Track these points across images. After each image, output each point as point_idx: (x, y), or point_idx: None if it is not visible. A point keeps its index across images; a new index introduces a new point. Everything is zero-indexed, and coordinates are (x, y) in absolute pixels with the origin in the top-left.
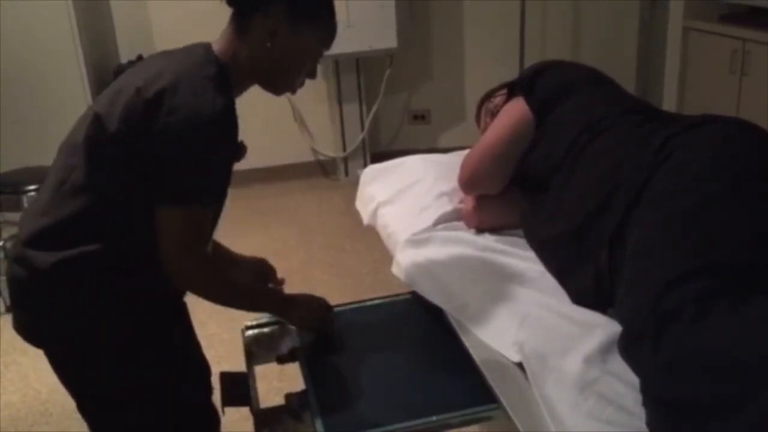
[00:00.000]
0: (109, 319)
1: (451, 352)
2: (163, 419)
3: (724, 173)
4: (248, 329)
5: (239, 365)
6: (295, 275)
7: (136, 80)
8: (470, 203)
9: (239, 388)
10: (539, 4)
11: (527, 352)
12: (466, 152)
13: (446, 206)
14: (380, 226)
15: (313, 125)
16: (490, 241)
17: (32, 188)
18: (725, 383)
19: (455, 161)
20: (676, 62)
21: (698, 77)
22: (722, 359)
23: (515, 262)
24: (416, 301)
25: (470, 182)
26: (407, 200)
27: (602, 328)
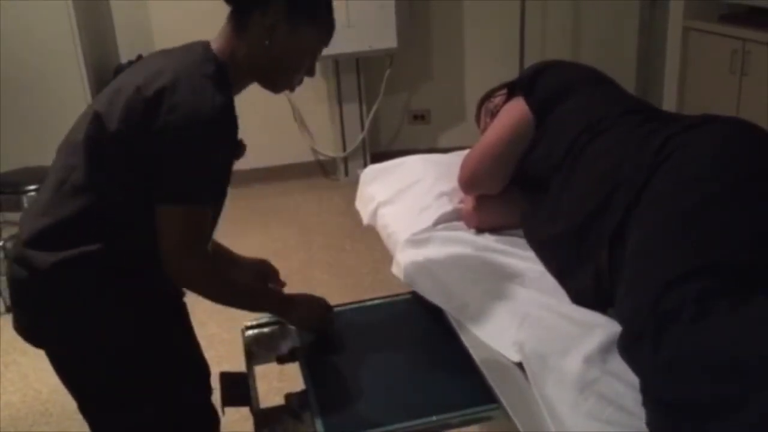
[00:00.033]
0: (109, 319)
1: (451, 352)
2: (163, 419)
3: (724, 173)
4: (248, 329)
5: (239, 365)
6: (295, 275)
7: (135, 79)
8: (470, 203)
9: (239, 388)
10: (539, 4)
11: (527, 352)
12: (466, 152)
13: (446, 206)
14: (380, 226)
15: (313, 125)
16: (490, 241)
17: (32, 188)
18: (725, 383)
19: (455, 161)
20: (676, 62)
21: (698, 77)
22: (722, 359)
23: (515, 262)
24: (416, 301)
25: (470, 182)
26: (407, 200)
27: (602, 328)
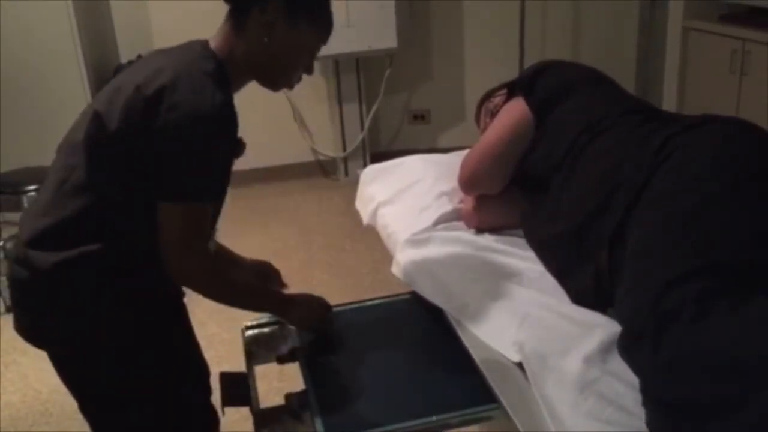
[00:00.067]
0: (109, 319)
1: (451, 352)
2: (163, 419)
3: (724, 173)
4: (248, 329)
5: (239, 365)
6: (295, 275)
7: (135, 78)
8: (470, 203)
9: (239, 388)
10: (539, 4)
11: (527, 352)
12: (466, 152)
13: (446, 206)
14: (380, 226)
15: (312, 125)
16: (490, 241)
17: (32, 188)
18: (725, 383)
19: (455, 161)
20: (675, 62)
21: (698, 77)
22: (722, 359)
23: (515, 262)
24: (416, 301)
25: (470, 182)
26: (407, 200)
27: (602, 328)
